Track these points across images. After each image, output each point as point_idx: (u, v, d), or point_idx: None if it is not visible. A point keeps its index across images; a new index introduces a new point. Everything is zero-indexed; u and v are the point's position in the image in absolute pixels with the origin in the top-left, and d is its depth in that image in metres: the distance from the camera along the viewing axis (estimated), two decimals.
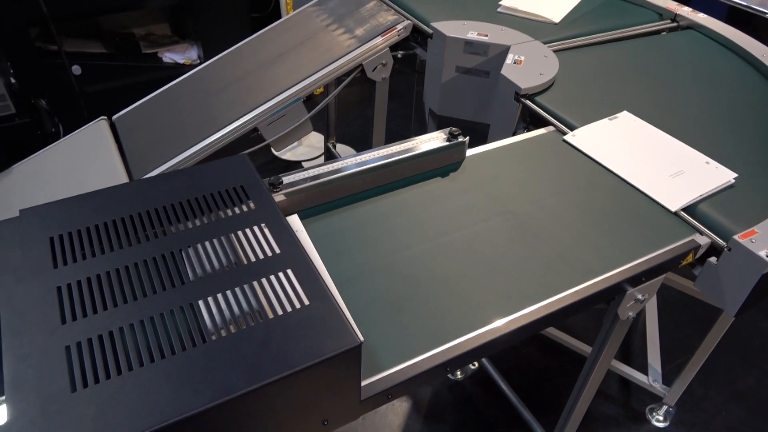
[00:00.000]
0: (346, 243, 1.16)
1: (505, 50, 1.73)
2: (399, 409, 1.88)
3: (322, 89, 2.37)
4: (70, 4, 2.15)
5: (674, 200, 1.28)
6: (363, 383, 0.88)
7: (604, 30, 1.97)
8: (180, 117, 1.78)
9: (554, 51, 1.78)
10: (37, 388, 0.70)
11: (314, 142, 2.86)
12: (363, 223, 1.21)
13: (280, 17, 2.70)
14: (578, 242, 1.17)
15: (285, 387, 0.75)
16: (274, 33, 2.03)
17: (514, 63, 1.65)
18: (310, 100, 1.77)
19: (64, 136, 2.28)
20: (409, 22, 1.87)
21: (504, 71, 1.61)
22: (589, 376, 1.42)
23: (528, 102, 1.57)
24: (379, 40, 1.83)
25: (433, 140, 1.33)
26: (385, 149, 1.32)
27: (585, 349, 2.01)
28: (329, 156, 2.63)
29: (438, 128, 1.99)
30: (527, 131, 1.59)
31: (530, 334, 1.06)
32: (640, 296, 1.17)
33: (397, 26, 1.85)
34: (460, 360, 0.96)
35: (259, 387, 0.72)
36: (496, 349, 1.01)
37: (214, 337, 0.77)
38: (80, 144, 1.78)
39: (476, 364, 2.04)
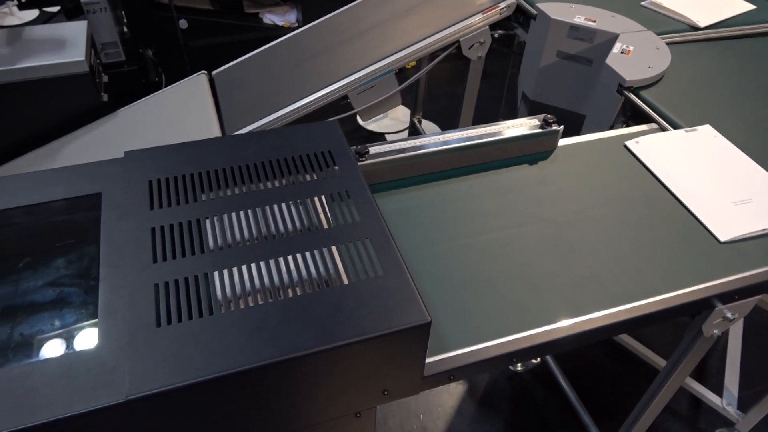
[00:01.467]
0: (421, 220, 1.15)
1: (612, 38, 1.63)
2: (454, 390, 1.88)
3: (414, 63, 2.35)
4: None
5: (726, 230, 1.15)
6: (427, 360, 0.89)
7: (734, 25, 1.81)
8: (274, 78, 1.83)
9: (667, 43, 1.66)
10: (127, 319, 0.75)
11: (400, 115, 2.85)
12: (441, 202, 1.19)
13: None
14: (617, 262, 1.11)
15: (352, 353, 0.76)
16: (373, 2, 2.02)
17: (622, 53, 1.56)
18: (401, 73, 1.76)
19: (166, 86, 2.40)
20: (513, 1, 1.81)
21: (609, 60, 1.53)
22: (660, 389, 1.36)
23: (632, 96, 1.49)
24: (479, 17, 1.78)
25: (524, 126, 1.29)
26: (473, 130, 1.29)
27: (658, 361, 1.91)
28: (414, 131, 2.61)
29: (529, 114, 1.93)
30: (626, 126, 1.51)
31: (605, 337, 1.02)
32: (729, 314, 1.10)
33: (499, 4, 1.79)
34: (529, 353, 0.94)
35: (328, 349, 0.74)
36: (566, 347, 0.98)
37: (290, 294, 0.79)
38: (180, 95, 1.87)
39: (539, 358, 2.00)
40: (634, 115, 1.51)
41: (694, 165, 1.29)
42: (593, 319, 0.98)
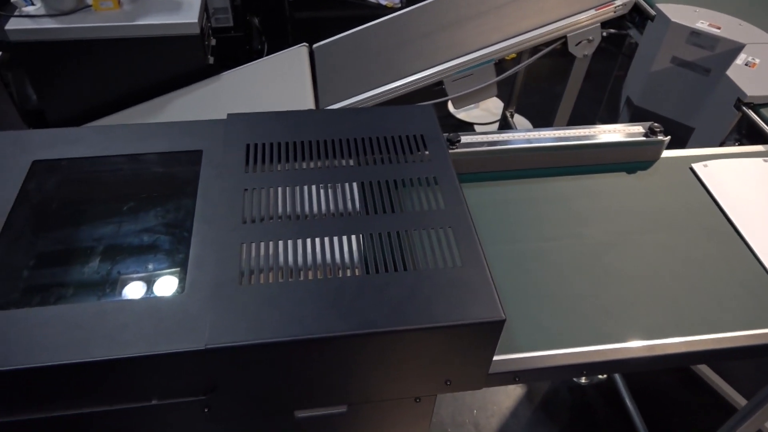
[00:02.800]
0: (503, 216, 1.12)
1: (737, 48, 1.51)
2: (512, 391, 1.85)
3: (515, 55, 2.28)
4: None
5: None
6: (495, 358, 0.87)
7: None
8: (372, 56, 1.84)
9: None
10: (213, 273, 0.79)
11: (492, 107, 2.80)
12: (526, 200, 1.16)
13: None
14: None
15: (421, 338, 0.76)
16: None
17: (746, 65, 1.44)
18: (499, 64, 1.72)
19: (268, 54, 2.47)
20: None
21: (730, 72, 1.42)
22: (735, 429, 1.27)
23: (750, 112, 1.37)
24: (590, 13, 1.70)
25: (624, 132, 1.23)
26: (569, 131, 1.24)
27: (737, 398, 1.79)
28: (505, 125, 2.56)
29: (631, 120, 1.83)
30: (738, 144, 1.40)
31: (682, 365, 0.96)
32: None
33: (615, 1, 1.70)
34: (600, 367, 0.91)
35: (399, 331, 0.74)
36: (639, 368, 0.93)
37: (366, 272, 0.80)
38: (280, 64, 1.92)
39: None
40: (749, 134, 1.39)
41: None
42: (671, 344, 0.93)
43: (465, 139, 1.15)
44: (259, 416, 0.86)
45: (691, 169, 1.24)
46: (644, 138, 1.20)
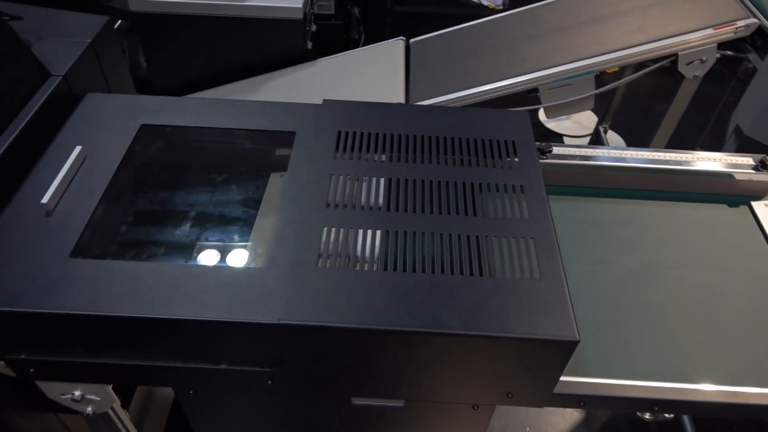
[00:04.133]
0: (586, 233, 1.08)
1: None
2: (570, 415, 1.79)
3: (617, 69, 2.19)
4: None
5: None
6: (561, 378, 0.85)
7: None
8: (468, 56, 1.82)
9: None
10: (292, 251, 0.81)
11: (585, 119, 2.69)
12: (610, 221, 1.11)
13: None
14: None
15: (489, 346, 0.75)
16: None
17: None
18: (599, 76, 1.65)
19: (364, 45, 2.50)
20: (755, 21, 1.59)
21: None
22: None
23: None
24: (707, 32, 1.59)
25: (729, 162, 1.15)
26: (667, 153, 1.18)
27: None
28: (597, 140, 2.46)
29: (738, 150, 1.71)
30: None
31: (761, 418, 0.89)
32: None
33: (737, 22, 1.59)
34: (672, 406, 0.86)
35: (468, 335, 0.73)
36: (714, 413, 0.88)
37: (441, 272, 0.80)
38: (376, 56, 1.94)
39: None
40: None
41: None
42: (755, 394, 0.86)
43: (557, 149, 1.12)
44: (318, 396, 0.88)
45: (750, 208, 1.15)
46: (754, 171, 1.12)
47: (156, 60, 1.91)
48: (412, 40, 1.99)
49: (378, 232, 0.85)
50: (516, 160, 0.97)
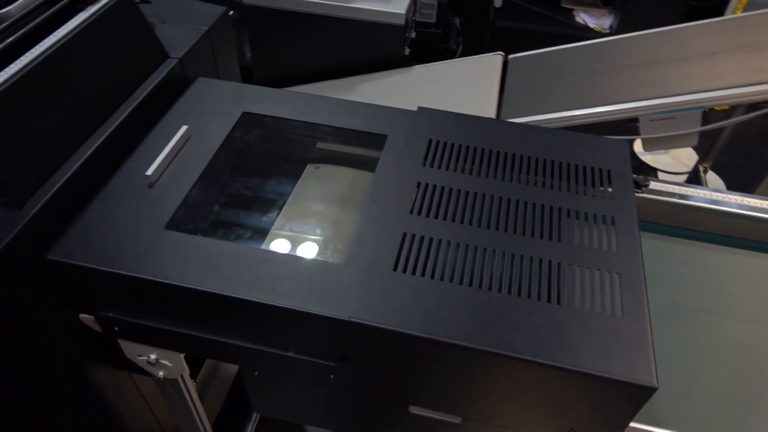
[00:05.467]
0: (671, 276, 1.02)
1: None
2: None
3: (727, 107, 2.07)
4: None
5: None
6: (631, 423, 0.80)
7: None
8: (567, 78, 1.77)
9: None
10: (371, 252, 0.82)
11: (684, 156, 2.55)
12: (703, 267, 1.05)
13: (723, 13, 2.39)
14: None
15: (559, 378, 0.72)
16: (706, 30, 1.80)
17: None
18: (706, 113, 1.56)
19: (461, 56, 2.50)
20: None
21: None
22: None
23: None
24: None
25: None
26: None
27: None
28: (694, 179, 2.33)
29: None
30: None
31: None
32: None
33: None
34: None
35: (538, 363, 0.71)
36: None
37: (518, 293, 0.78)
38: (472, 68, 1.93)
39: None
40: None
41: None
42: None
43: (656, 185, 1.07)
44: (376, 397, 0.88)
45: None
46: None
47: (260, 51, 2.00)
48: (510, 56, 1.96)
49: (458, 245, 0.84)
50: (609, 190, 0.93)
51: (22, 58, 0.87)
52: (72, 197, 0.86)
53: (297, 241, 0.98)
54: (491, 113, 1.68)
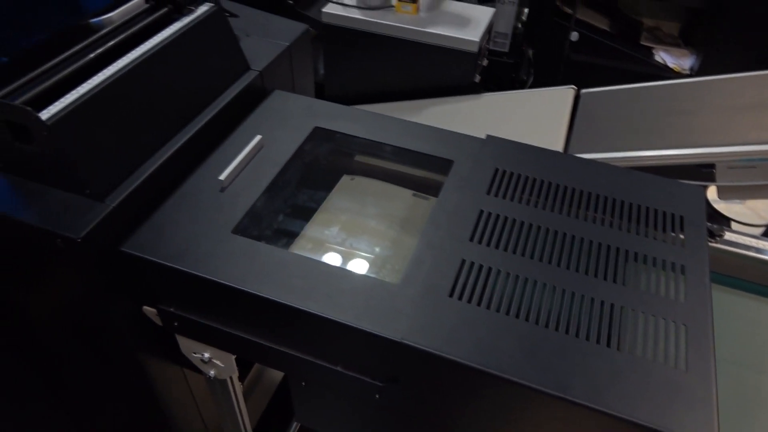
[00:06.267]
0: (741, 334, 0.97)
1: None
2: None
3: None
4: None
5: None
6: None
7: None
8: (641, 117, 1.72)
9: None
10: (428, 276, 0.82)
11: (761, 207, 2.42)
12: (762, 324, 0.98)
13: None
14: None
15: (612, 427, 0.70)
16: None
17: None
18: None
19: (532, 87, 2.48)
20: None
21: None
22: None
23: None
24: None
25: None
26: None
27: None
28: None
29: None
30: None
31: None
32: None
33: None
34: None
35: (592, 408, 0.69)
36: None
37: (574, 333, 0.76)
38: (542, 99, 1.91)
39: None
40: None
41: None
42: None
43: (731, 236, 1.02)
44: (420, 422, 0.88)
45: None
46: None
47: (333, 68, 2.06)
48: (583, 91, 1.93)
49: (518, 278, 0.83)
50: (681, 236, 0.90)
51: (119, 61, 0.93)
52: (149, 195, 0.91)
53: (355, 257, 0.99)
54: (559, 147, 1.65)
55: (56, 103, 0.84)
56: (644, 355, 0.74)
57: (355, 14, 1.90)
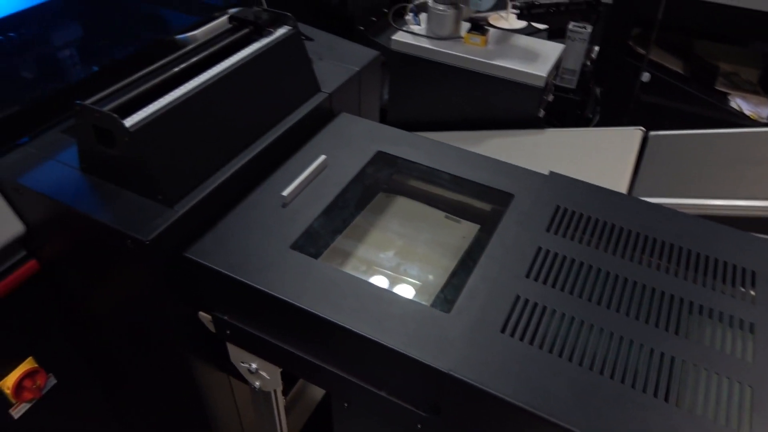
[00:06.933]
0: None
1: None
2: None
3: None
4: (680, 18, 2.19)
5: None
6: None
7: None
8: (712, 164, 1.66)
9: None
10: (481, 309, 0.81)
11: None
12: None
13: None
14: None
15: None
16: None
17: None
18: None
19: (597, 126, 2.44)
20: None
21: None
22: None
23: None
24: None
25: None
26: None
27: None
28: None
29: None
30: None
31: None
32: None
33: None
34: None
35: None
36: None
37: (629, 383, 0.73)
38: (608, 139, 1.87)
39: None
40: None
41: None
42: None
43: None
44: None
45: None
46: None
47: (398, 94, 2.09)
48: (651, 133, 1.88)
49: (573, 320, 0.80)
50: (752, 293, 0.85)
51: (200, 76, 0.98)
52: (215, 204, 0.94)
53: (408, 283, 0.99)
54: (623, 188, 1.61)
55: (139, 112, 0.89)
56: (704, 415, 0.70)
57: (424, 43, 1.93)
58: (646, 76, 2.32)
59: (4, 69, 1.05)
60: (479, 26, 1.92)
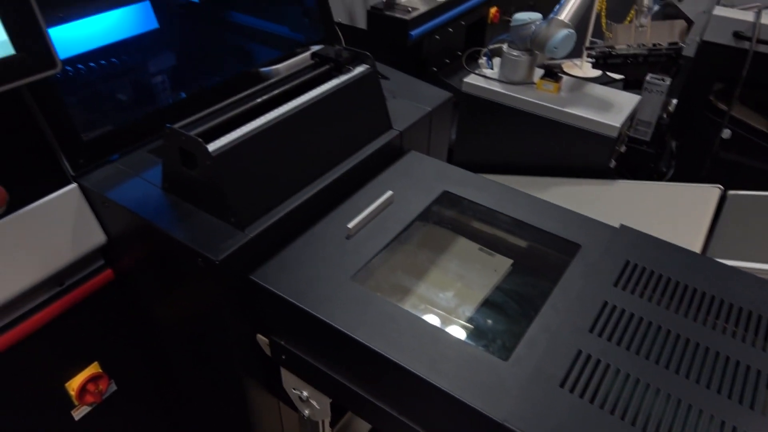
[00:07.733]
0: None
1: None
2: None
3: None
4: (765, 75, 2.10)
5: None
6: None
7: None
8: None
9: None
10: (540, 360, 0.79)
11: None
12: None
13: None
14: None
15: None
16: None
17: None
18: None
19: (671, 180, 2.35)
20: None
21: None
22: None
23: None
24: None
25: None
26: None
27: None
28: None
29: None
30: None
31: None
32: None
33: None
34: None
35: None
36: None
37: None
38: (683, 195, 1.80)
39: None
40: None
41: None
42: None
43: None
44: None
45: None
46: None
47: (466, 136, 2.10)
48: (730, 192, 1.80)
49: (637, 381, 0.77)
50: None
51: (280, 107, 1.03)
52: (283, 231, 0.97)
53: (466, 326, 0.98)
54: (697, 248, 1.54)
55: (222, 138, 0.94)
56: None
57: (496, 87, 1.95)
58: (726, 133, 2.23)
59: (103, 92, 1.15)
60: (553, 73, 1.91)
